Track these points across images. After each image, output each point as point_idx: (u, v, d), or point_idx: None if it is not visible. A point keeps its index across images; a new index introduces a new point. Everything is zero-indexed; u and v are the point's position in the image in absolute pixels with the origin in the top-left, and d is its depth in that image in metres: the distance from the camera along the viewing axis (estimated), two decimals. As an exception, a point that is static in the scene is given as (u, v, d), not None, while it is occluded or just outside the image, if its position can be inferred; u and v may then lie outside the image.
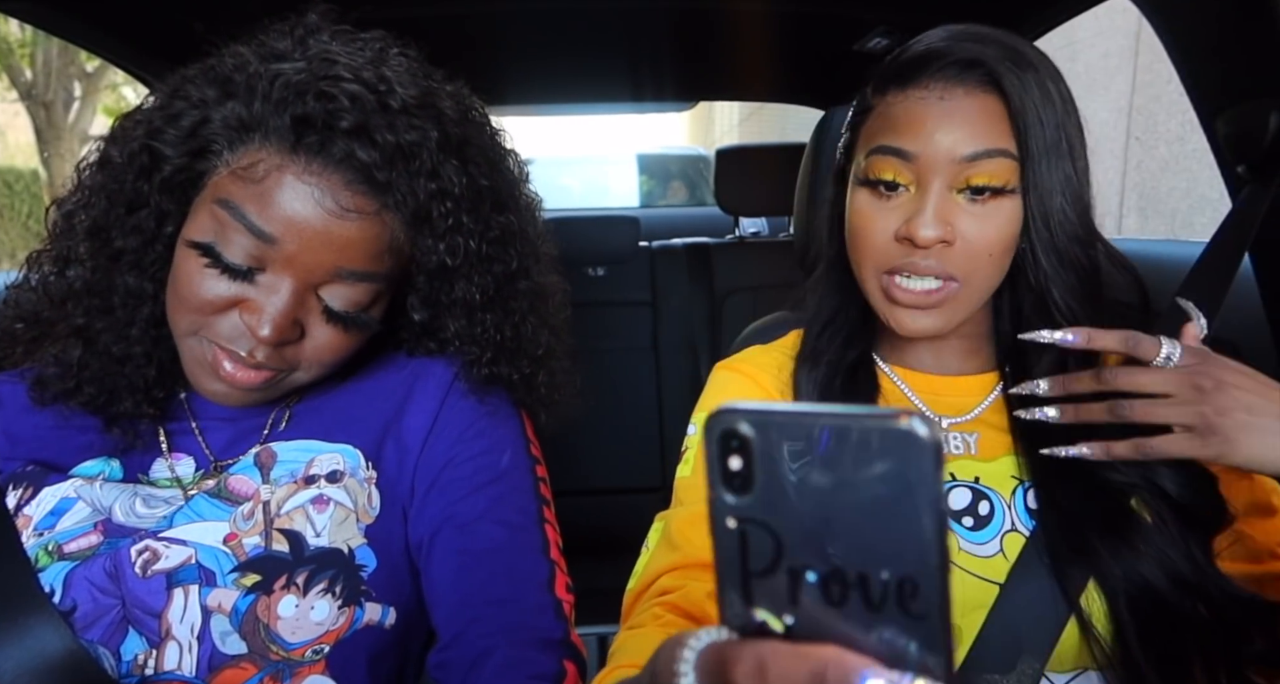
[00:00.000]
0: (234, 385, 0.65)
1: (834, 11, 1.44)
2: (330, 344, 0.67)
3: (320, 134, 0.61)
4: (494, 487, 0.73)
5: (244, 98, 0.63)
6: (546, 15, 1.48)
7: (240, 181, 0.62)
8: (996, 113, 0.66)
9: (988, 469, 0.73)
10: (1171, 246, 1.27)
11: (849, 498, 0.27)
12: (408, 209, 0.65)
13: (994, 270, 0.69)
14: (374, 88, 0.63)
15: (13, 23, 6.75)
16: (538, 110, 2.69)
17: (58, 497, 0.67)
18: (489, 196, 0.71)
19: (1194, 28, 0.90)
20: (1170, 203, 3.08)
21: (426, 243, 0.68)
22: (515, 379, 0.76)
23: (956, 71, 0.66)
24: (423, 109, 0.66)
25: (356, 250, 0.64)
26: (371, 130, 0.62)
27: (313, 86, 0.61)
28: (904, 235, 0.67)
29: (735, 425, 0.28)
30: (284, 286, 0.63)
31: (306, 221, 0.62)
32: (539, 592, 0.70)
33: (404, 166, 0.64)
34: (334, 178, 0.62)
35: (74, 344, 0.68)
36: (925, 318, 0.69)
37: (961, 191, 0.66)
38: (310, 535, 0.67)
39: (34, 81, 8.42)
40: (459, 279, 0.71)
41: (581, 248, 1.99)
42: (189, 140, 0.64)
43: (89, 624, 0.63)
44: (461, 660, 0.67)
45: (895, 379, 0.79)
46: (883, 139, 0.68)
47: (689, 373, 2.03)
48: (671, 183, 4.84)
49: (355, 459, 0.72)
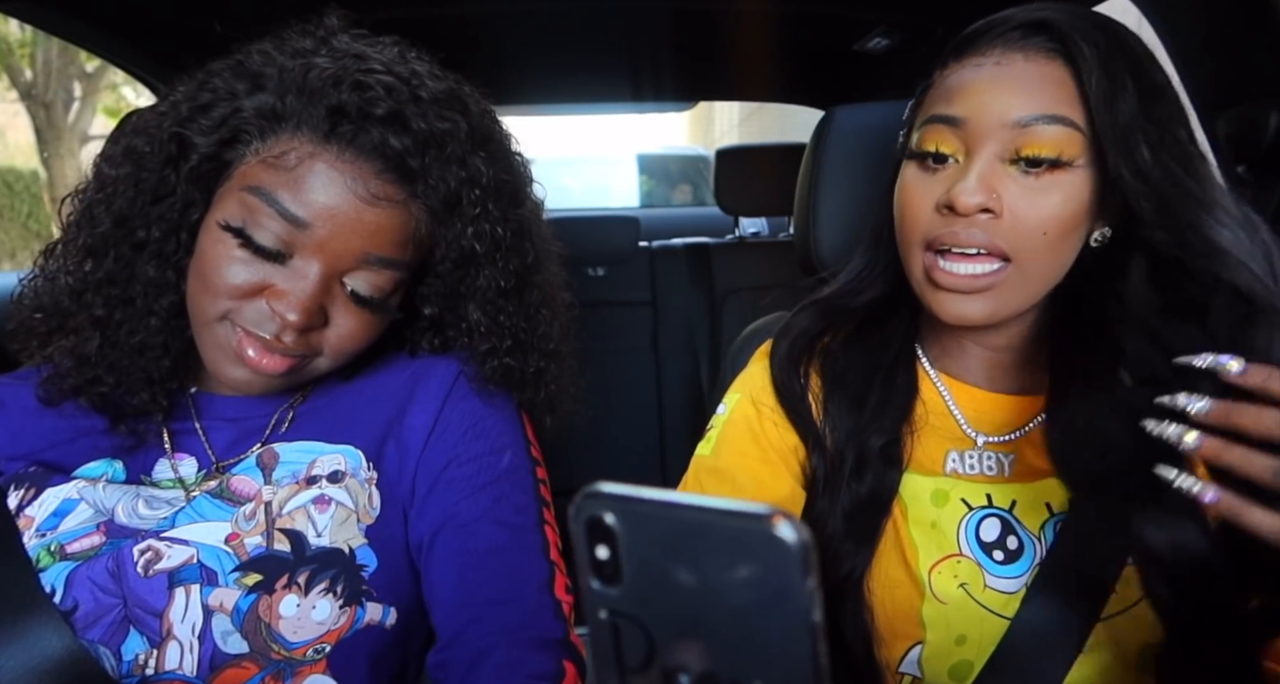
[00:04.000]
0: (258, 371, 0.66)
1: (834, 11, 1.44)
2: (353, 331, 0.69)
3: (354, 123, 0.64)
4: (495, 487, 0.73)
5: (275, 89, 0.65)
6: (547, 15, 1.48)
7: (272, 169, 0.64)
8: (1059, 79, 0.59)
9: (1023, 494, 0.69)
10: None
11: (716, 600, 0.25)
12: (438, 196, 0.67)
13: (1050, 255, 0.61)
14: (406, 80, 0.66)
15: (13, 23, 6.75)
16: (538, 110, 2.69)
17: (60, 498, 0.67)
18: (508, 190, 0.73)
19: (1194, 28, 0.90)
20: (1170, 203, 3.07)
21: (455, 229, 0.70)
22: (529, 373, 0.77)
23: (1020, 36, 0.61)
24: (451, 101, 0.68)
25: (384, 237, 0.66)
26: (406, 118, 0.64)
27: (347, 77, 0.63)
28: (944, 202, 0.61)
29: (600, 513, 0.26)
30: (312, 272, 0.65)
31: (339, 207, 0.64)
32: (538, 592, 0.71)
33: (437, 153, 0.66)
34: (365, 166, 0.64)
35: (92, 336, 0.68)
36: (970, 303, 0.63)
37: (1015, 163, 0.60)
38: (312, 535, 0.67)
39: (34, 81, 8.41)
40: (485, 266, 0.72)
41: (581, 248, 1.99)
42: (219, 129, 0.65)
43: (90, 624, 0.63)
44: (460, 660, 0.67)
45: (941, 387, 0.73)
46: (932, 109, 0.64)
47: (689, 373, 2.03)
48: (678, 185, 4.83)
49: (357, 460, 0.72)
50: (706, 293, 2.07)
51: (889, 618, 0.68)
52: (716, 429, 0.76)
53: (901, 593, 0.67)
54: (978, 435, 0.71)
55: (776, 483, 0.72)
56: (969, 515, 0.69)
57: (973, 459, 0.71)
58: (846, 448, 0.70)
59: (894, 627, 0.68)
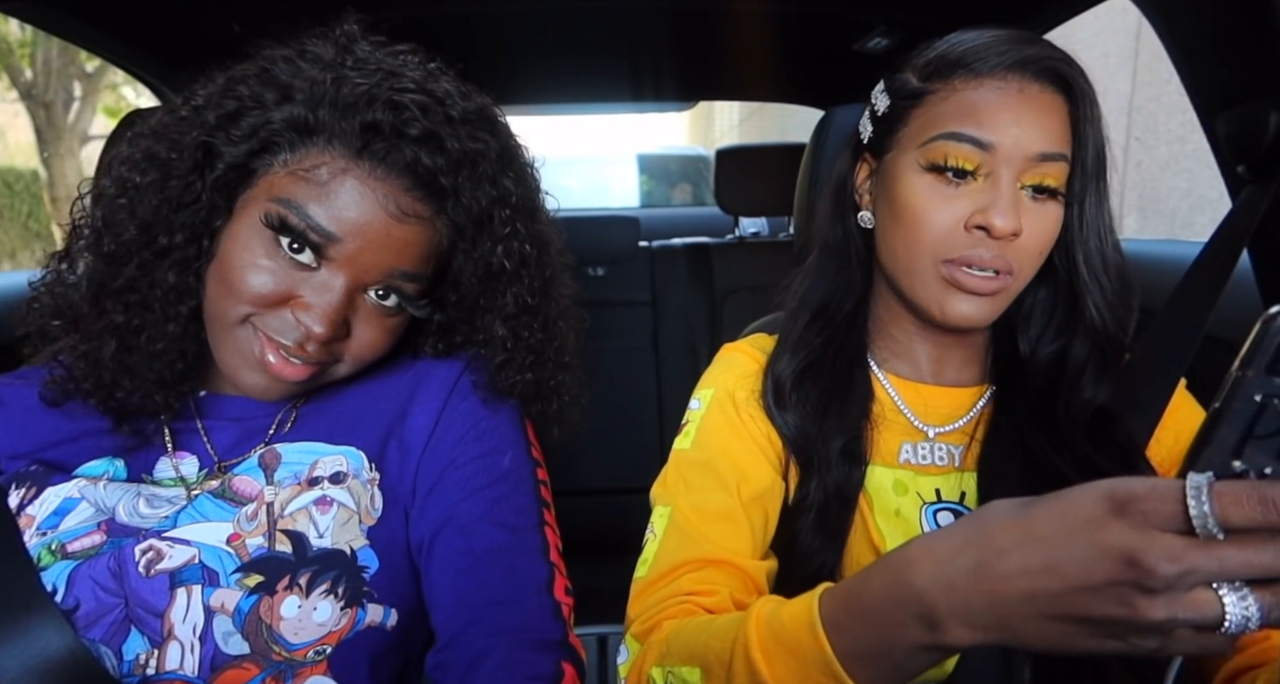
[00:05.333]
0: (278, 378, 0.67)
1: (834, 11, 1.44)
2: (373, 341, 0.70)
3: (388, 141, 0.64)
4: (495, 488, 0.73)
5: (306, 102, 0.64)
6: (547, 15, 1.48)
7: (301, 182, 0.64)
8: (1063, 116, 0.66)
9: (971, 483, 0.74)
10: (1171, 246, 1.27)
11: None
12: (469, 215, 0.68)
13: (1034, 270, 0.70)
14: (440, 100, 0.66)
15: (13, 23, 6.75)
16: (538, 110, 2.69)
17: (61, 496, 0.67)
18: (531, 207, 0.74)
19: (1194, 28, 0.90)
20: (1170, 203, 3.08)
21: (484, 247, 0.71)
22: (547, 387, 0.78)
23: (1035, 70, 0.66)
24: (481, 121, 0.69)
25: (410, 252, 0.67)
26: (441, 139, 0.65)
27: (382, 95, 0.64)
28: (978, 224, 0.66)
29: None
30: (338, 284, 0.65)
31: (370, 223, 0.64)
32: (538, 593, 0.71)
33: (470, 173, 0.67)
34: (396, 183, 0.65)
35: (108, 342, 0.68)
36: (981, 306, 0.69)
37: (1024, 189, 0.66)
38: (313, 536, 0.67)
39: (34, 81, 8.41)
40: (513, 283, 0.73)
41: (582, 248, 1.98)
42: (250, 139, 0.65)
43: (91, 623, 0.63)
44: (459, 661, 0.67)
45: (888, 387, 0.78)
46: (955, 125, 0.66)
47: (689, 373, 2.03)
48: (678, 184, 4.83)
49: (359, 461, 0.72)
50: (706, 293, 2.07)
51: None
52: (694, 423, 0.78)
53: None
54: (928, 428, 0.77)
55: (759, 472, 0.74)
56: (926, 506, 0.74)
57: (925, 450, 0.76)
58: (813, 448, 0.74)
59: None
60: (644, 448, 2.00)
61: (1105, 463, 0.69)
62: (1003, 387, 0.77)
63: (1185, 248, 1.16)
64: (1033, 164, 0.65)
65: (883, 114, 0.73)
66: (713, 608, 0.64)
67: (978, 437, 0.76)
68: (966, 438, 0.76)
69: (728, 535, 0.70)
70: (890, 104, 0.72)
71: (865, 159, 0.76)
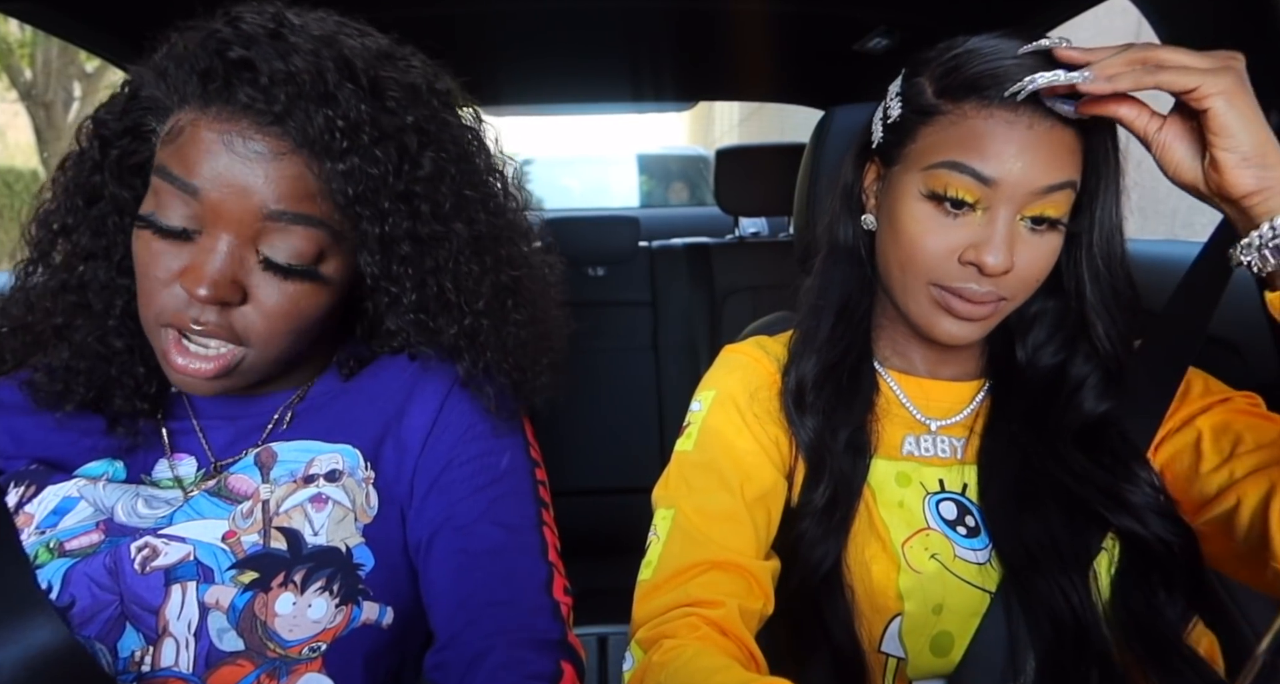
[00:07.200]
0: (188, 375, 0.65)
1: (834, 11, 1.44)
2: (277, 305, 0.65)
3: (222, 80, 0.62)
4: (493, 488, 0.73)
5: (156, 67, 0.64)
6: (546, 15, 1.48)
7: (167, 147, 0.63)
8: (1072, 146, 0.65)
9: (974, 476, 0.75)
10: (1171, 246, 1.27)
11: None
12: (305, 137, 0.63)
13: (1030, 294, 0.70)
14: (267, 27, 0.64)
15: (13, 23, 6.76)
16: (538, 110, 2.69)
17: (60, 496, 0.67)
18: (397, 129, 0.66)
19: (1194, 29, 0.90)
20: (1170, 203, 3.08)
21: (331, 171, 0.64)
22: (449, 335, 0.72)
23: (1049, 104, 0.64)
24: (322, 42, 0.65)
25: (276, 190, 0.63)
26: (256, 60, 0.61)
27: (211, 39, 0.62)
28: (971, 260, 0.66)
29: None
30: (220, 244, 0.63)
31: (226, 167, 0.62)
32: (537, 593, 0.70)
33: (295, 92, 0.62)
34: (242, 122, 0.62)
35: (60, 346, 0.68)
36: (970, 328, 0.70)
37: (1023, 219, 0.66)
38: (308, 534, 0.67)
39: (34, 81, 8.41)
40: (368, 212, 0.66)
41: (581, 248, 1.99)
42: (122, 119, 0.65)
43: (86, 620, 0.63)
44: (458, 661, 0.67)
45: (890, 381, 0.79)
46: (959, 155, 0.65)
47: (689, 373, 2.03)
48: (674, 183, 4.83)
49: (354, 459, 0.72)
50: (706, 293, 2.07)
51: (868, 592, 0.71)
52: (695, 425, 0.78)
53: (878, 567, 0.71)
54: (930, 421, 0.78)
55: (762, 473, 0.74)
56: (929, 495, 0.74)
57: (927, 442, 0.77)
58: (819, 442, 0.74)
59: (873, 601, 0.71)
60: (644, 448, 2.00)
61: (1100, 467, 0.69)
62: (999, 385, 0.78)
63: (1185, 248, 1.15)
64: (1035, 197, 0.64)
65: (894, 122, 0.71)
66: (719, 621, 0.64)
67: (976, 430, 0.76)
68: (967, 431, 0.77)
69: (732, 536, 0.70)
70: (902, 114, 0.70)
71: (875, 161, 0.75)
